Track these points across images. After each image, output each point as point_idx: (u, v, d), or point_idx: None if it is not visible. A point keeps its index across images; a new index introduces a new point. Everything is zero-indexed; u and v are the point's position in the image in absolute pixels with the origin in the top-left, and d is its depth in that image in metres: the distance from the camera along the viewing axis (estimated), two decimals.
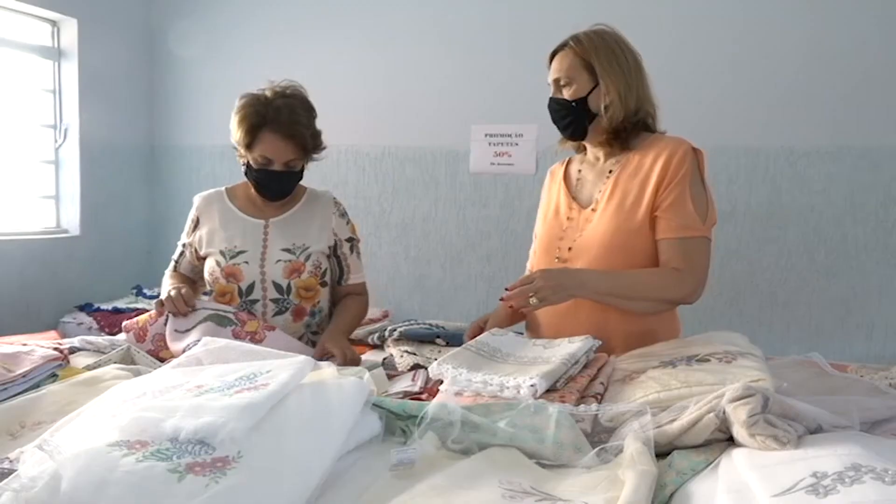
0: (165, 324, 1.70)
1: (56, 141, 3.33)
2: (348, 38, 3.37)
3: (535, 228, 1.89)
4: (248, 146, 1.83)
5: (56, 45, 3.31)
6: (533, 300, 1.47)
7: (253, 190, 1.93)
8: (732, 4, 2.85)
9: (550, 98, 1.71)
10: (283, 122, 1.79)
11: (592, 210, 1.67)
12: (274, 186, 1.87)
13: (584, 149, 1.79)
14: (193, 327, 1.67)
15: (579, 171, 1.78)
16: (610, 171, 1.69)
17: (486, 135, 3.19)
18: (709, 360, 1.20)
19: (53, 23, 3.29)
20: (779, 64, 2.79)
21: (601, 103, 1.63)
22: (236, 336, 1.64)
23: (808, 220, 2.81)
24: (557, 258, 1.69)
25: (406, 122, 3.31)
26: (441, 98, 3.25)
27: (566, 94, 1.66)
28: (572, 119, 1.67)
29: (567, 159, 1.86)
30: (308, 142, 1.85)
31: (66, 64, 3.31)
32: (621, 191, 1.63)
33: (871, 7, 2.69)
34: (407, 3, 3.29)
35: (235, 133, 1.85)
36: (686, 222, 1.58)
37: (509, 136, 3.15)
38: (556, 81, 1.68)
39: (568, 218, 1.72)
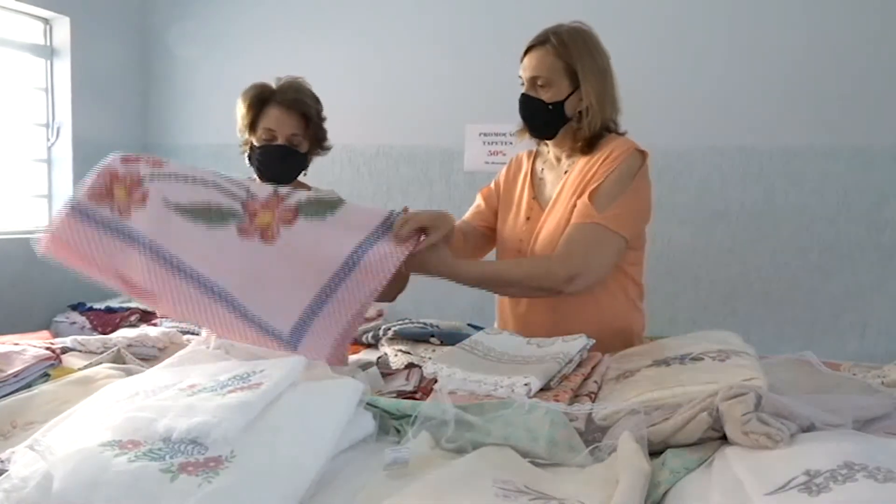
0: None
1: (49, 139, 3.32)
2: (342, 38, 3.36)
3: (478, 199, 1.93)
4: (252, 125, 1.83)
5: (49, 43, 3.29)
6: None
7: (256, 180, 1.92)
8: (727, 4, 2.86)
9: (525, 95, 1.66)
10: (287, 95, 1.82)
11: (548, 209, 1.69)
12: (275, 165, 1.83)
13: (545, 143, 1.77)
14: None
15: (542, 169, 1.78)
16: (565, 172, 1.70)
17: (480, 134, 3.18)
18: (702, 359, 1.20)
19: (46, 21, 3.27)
20: (773, 63, 2.80)
21: (576, 108, 1.63)
22: (243, 233, 1.35)
23: (801, 220, 2.82)
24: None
25: (400, 121, 3.31)
26: (435, 97, 3.24)
27: (543, 95, 1.63)
28: (546, 121, 1.66)
29: (534, 152, 1.84)
30: (312, 115, 1.84)
31: (59, 62, 3.29)
32: (568, 192, 1.64)
33: (866, 7, 2.70)
34: (402, 3, 3.29)
35: (240, 114, 1.85)
36: (581, 210, 1.57)
37: (503, 135, 3.14)
38: (534, 80, 1.64)
39: (527, 218, 1.72)
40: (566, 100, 1.62)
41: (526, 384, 1.09)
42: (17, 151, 3.23)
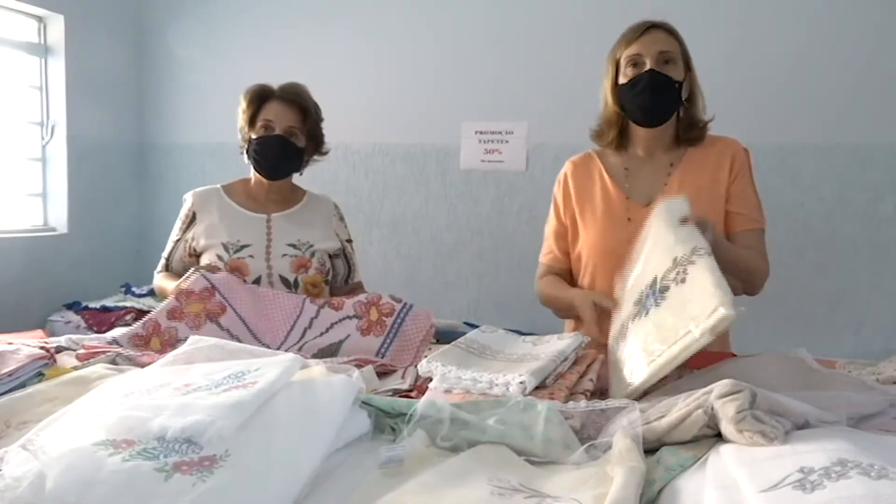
0: None
1: (43, 138, 3.30)
2: (338, 36, 3.35)
3: (548, 228, 1.84)
4: (252, 120, 1.87)
5: (43, 41, 3.27)
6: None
7: (252, 183, 1.94)
8: (723, 3, 2.86)
9: (653, 71, 1.57)
10: (286, 90, 1.89)
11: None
12: (271, 155, 1.86)
13: (617, 146, 1.73)
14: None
15: (626, 168, 1.72)
16: (671, 165, 1.68)
17: (476, 132, 3.18)
18: (668, 288, 1.21)
19: (40, 19, 3.26)
20: (771, 61, 2.80)
21: (685, 94, 1.64)
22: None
23: (797, 217, 2.83)
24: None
25: (396, 120, 3.30)
26: (431, 95, 3.24)
27: (671, 72, 1.59)
28: (673, 100, 1.60)
29: (586, 154, 1.79)
30: (310, 109, 1.89)
31: (53, 60, 3.28)
32: (692, 186, 1.62)
33: (863, 5, 2.70)
34: (400, 2, 3.28)
35: (240, 110, 1.90)
36: (756, 215, 1.65)
37: (500, 133, 3.15)
38: (662, 55, 1.58)
39: (628, 219, 1.64)
40: (682, 82, 1.62)
41: (521, 382, 1.09)
42: (11, 150, 3.21)
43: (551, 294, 1.77)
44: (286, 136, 1.86)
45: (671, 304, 1.19)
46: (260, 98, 1.88)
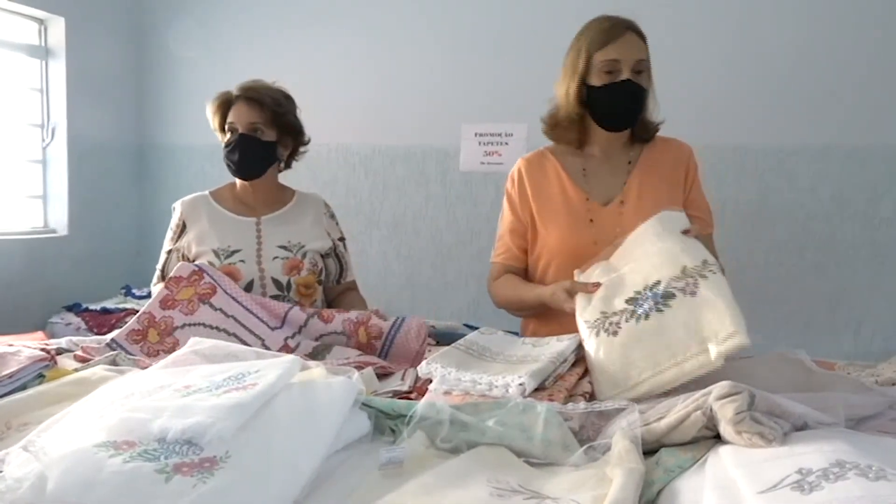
0: None
1: (43, 140, 3.31)
2: (338, 37, 3.36)
3: (502, 227, 1.81)
4: (222, 125, 1.91)
5: (43, 43, 3.28)
6: None
7: (238, 186, 1.95)
8: (721, 3, 2.86)
9: (630, 81, 1.57)
10: (242, 89, 1.90)
11: (622, 203, 1.64)
12: (238, 156, 1.86)
13: (575, 143, 1.73)
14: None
15: (584, 168, 1.72)
16: (629, 163, 1.68)
17: (476, 134, 3.18)
18: (674, 296, 1.20)
19: (40, 21, 3.26)
20: (768, 62, 2.81)
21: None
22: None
23: (796, 218, 2.83)
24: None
25: (396, 121, 3.31)
26: (431, 97, 3.24)
27: (642, 82, 1.59)
28: (641, 109, 1.62)
29: (540, 152, 1.80)
30: (268, 102, 1.88)
31: (54, 62, 3.28)
32: (651, 186, 1.63)
33: (861, 7, 2.70)
34: (398, 2, 3.29)
35: (211, 121, 1.93)
36: (710, 220, 1.68)
37: (499, 135, 3.15)
38: (639, 63, 1.58)
39: (591, 220, 1.64)
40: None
41: (520, 384, 1.10)
42: (11, 152, 3.21)
43: (513, 295, 1.72)
44: (249, 134, 1.86)
45: (679, 316, 1.17)
46: (225, 104, 1.91)
